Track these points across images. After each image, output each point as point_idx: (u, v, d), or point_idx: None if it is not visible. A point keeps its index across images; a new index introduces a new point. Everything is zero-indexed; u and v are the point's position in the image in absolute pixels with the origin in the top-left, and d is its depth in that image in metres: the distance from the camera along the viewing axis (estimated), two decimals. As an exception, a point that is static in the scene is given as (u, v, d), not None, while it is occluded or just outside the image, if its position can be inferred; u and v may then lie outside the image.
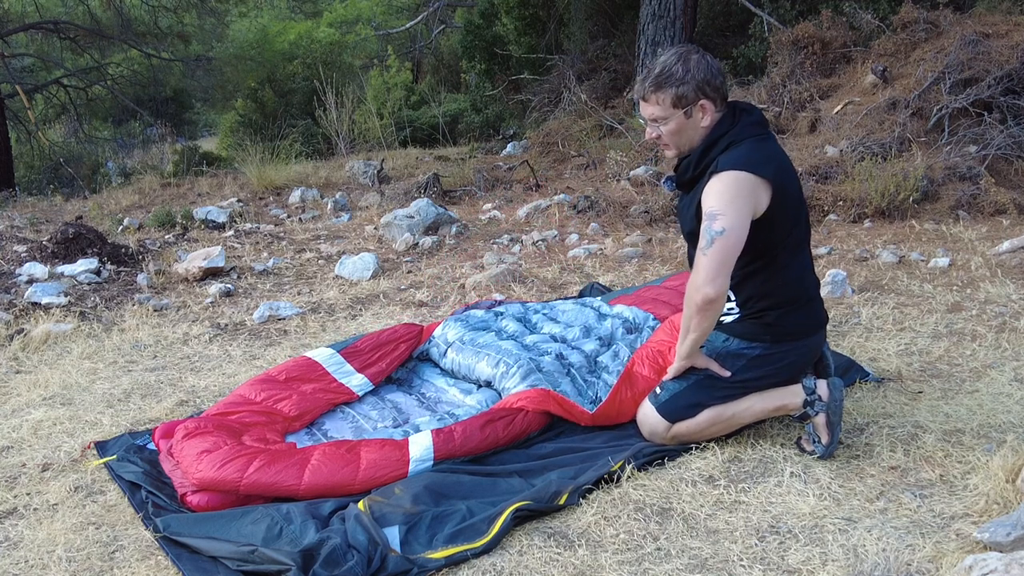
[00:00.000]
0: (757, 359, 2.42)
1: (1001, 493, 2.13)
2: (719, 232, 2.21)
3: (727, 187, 2.25)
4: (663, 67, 2.34)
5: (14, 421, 2.95)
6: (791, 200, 2.36)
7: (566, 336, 3.19)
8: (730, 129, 2.35)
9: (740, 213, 2.22)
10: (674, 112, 2.35)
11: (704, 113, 2.35)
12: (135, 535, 2.20)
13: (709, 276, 2.22)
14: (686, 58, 2.34)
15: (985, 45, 5.95)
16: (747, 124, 2.36)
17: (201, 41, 14.09)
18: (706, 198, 2.28)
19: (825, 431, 2.40)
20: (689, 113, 2.35)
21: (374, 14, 19.24)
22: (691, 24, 8.69)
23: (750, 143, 2.32)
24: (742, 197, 2.24)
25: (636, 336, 3.17)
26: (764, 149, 2.32)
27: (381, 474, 2.33)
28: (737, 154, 2.29)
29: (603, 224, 5.68)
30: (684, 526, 2.13)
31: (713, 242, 2.21)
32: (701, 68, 2.33)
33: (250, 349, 3.66)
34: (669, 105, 2.35)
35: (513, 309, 3.42)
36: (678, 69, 2.33)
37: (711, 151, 2.35)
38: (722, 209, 2.23)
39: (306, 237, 5.82)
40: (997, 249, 4.37)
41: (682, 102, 2.33)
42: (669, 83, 2.33)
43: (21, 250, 4.96)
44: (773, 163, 2.30)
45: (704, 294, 2.23)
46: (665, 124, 2.38)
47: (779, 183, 2.30)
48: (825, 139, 6.01)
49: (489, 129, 11.29)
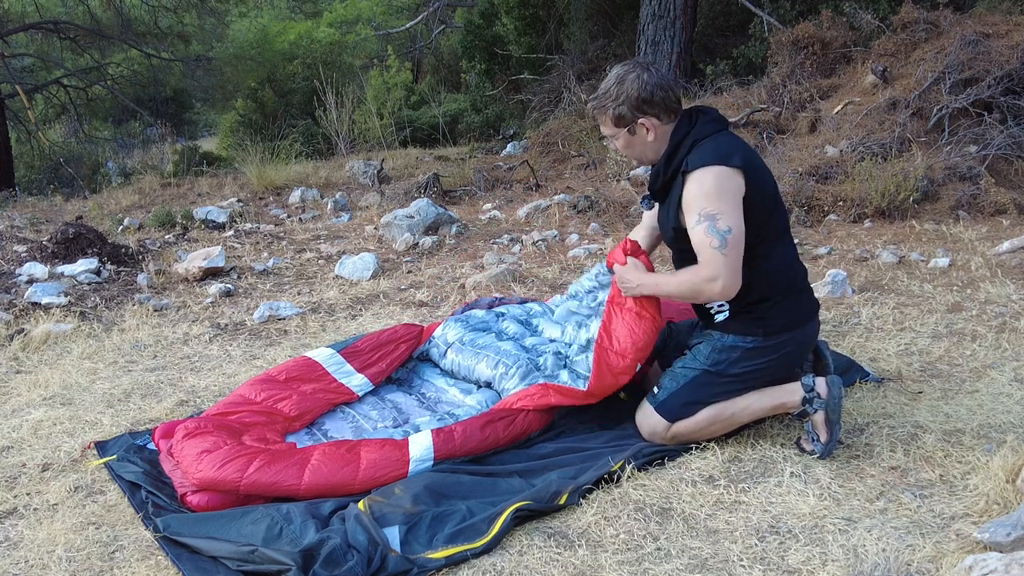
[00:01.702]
0: (752, 351, 2.43)
1: (1001, 493, 2.13)
2: (727, 231, 2.27)
3: (710, 184, 2.29)
4: (603, 89, 2.43)
5: (14, 421, 2.95)
6: (764, 191, 2.38)
7: (563, 338, 3.18)
8: (690, 130, 2.39)
9: (732, 206, 2.28)
10: (618, 131, 2.44)
11: (649, 129, 2.40)
12: (135, 535, 2.20)
13: (730, 270, 2.30)
14: (622, 79, 2.39)
15: (985, 45, 5.95)
16: (706, 122, 2.40)
17: (201, 41, 14.09)
18: (692, 200, 2.32)
19: (824, 429, 2.40)
20: (632, 131, 2.41)
21: (374, 14, 19.24)
22: (691, 24, 8.69)
23: (714, 139, 2.36)
24: (727, 190, 2.29)
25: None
26: (728, 142, 2.36)
27: (381, 474, 2.33)
28: (704, 151, 2.33)
29: (603, 224, 5.67)
30: (684, 526, 2.13)
31: (726, 241, 2.27)
32: (635, 87, 2.36)
33: (250, 349, 3.66)
34: (612, 125, 2.43)
35: (514, 311, 3.41)
36: (613, 91, 2.39)
37: (676, 155, 2.40)
38: (718, 208, 2.27)
39: (306, 237, 5.82)
40: (997, 249, 4.37)
41: (622, 121, 2.41)
42: (606, 105, 2.41)
43: (21, 250, 4.97)
44: (739, 153, 2.33)
45: (723, 285, 2.30)
46: (615, 141, 2.47)
47: (749, 172, 2.33)
48: (825, 139, 6.01)
49: (489, 129, 11.29)
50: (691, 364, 2.49)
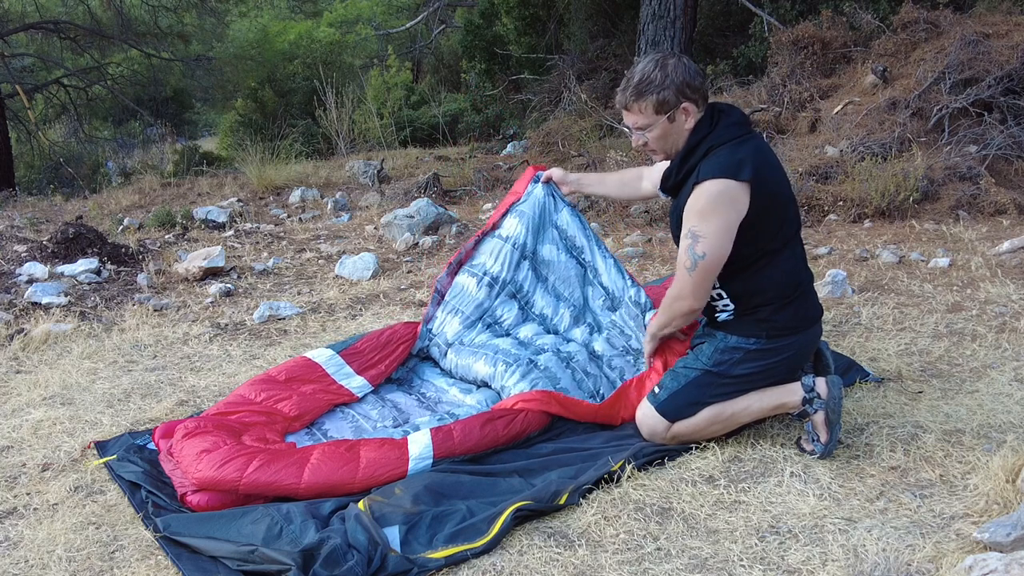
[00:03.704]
0: (754, 352, 2.43)
1: (1001, 493, 2.13)
2: (701, 256, 2.32)
3: (707, 202, 2.30)
4: (642, 75, 2.37)
5: (14, 421, 2.95)
6: (776, 198, 2.37)
7: (558, 327, 3.15)
8: (709, 133, 2.37)
9: (720, 230, 2.30)
10: (657, 119, 2.38)
11: (687, 115, 2.38)
12: (135, 535, 2.20)
13: (695, 292, 2.39)
14: (663, 63, 2.36)
15: (985, 45, 5.95)
16: (727, 126, 2.37)
17: (201, 41, 14.08)
18: (688, 213, 2.35)
19: (824, 429, 2.40)
20: (672, 118, 2.37)
21: (374, 14, 19.24)
22: (691, 24, 8.69)
23: (729, 147, 2.33)
24: (721, 211, 2.29)
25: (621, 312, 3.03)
26: (742, 152, 2.32)
27: (381, 473, 2.33)
28: (718, 159, 2.32)
29: (603, 224, 5.67)
30: (684, 526, 2.13)
31: (696, 265, 2.33)
32: (679, 71, 2.34)
33: (250, 349, 3.66)
34: (652, 112, 2.37)
35: (502, 272, 3.16)
36: (657, 75, 2.35)
37: (691, 157, 2.38)
38: (702, 230, 2.30)
39: (306, 237, 5.82)
40: (997, 249, 4.37)
41: (664, 107, 2.36)
42: (649, 90, 2.35)
43: (21, 250, 4.97)
44: (749, 165, 2.30)
45: (690, 306, 2.43)
46: (650, 131, 2.40)
47: (759, 185, 2.31)
48: (825, 139, 6.01)
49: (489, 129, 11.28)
50: (693, 364, 2.49)
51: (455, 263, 3.26)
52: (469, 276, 3.20)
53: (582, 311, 3.17)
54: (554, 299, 3.19)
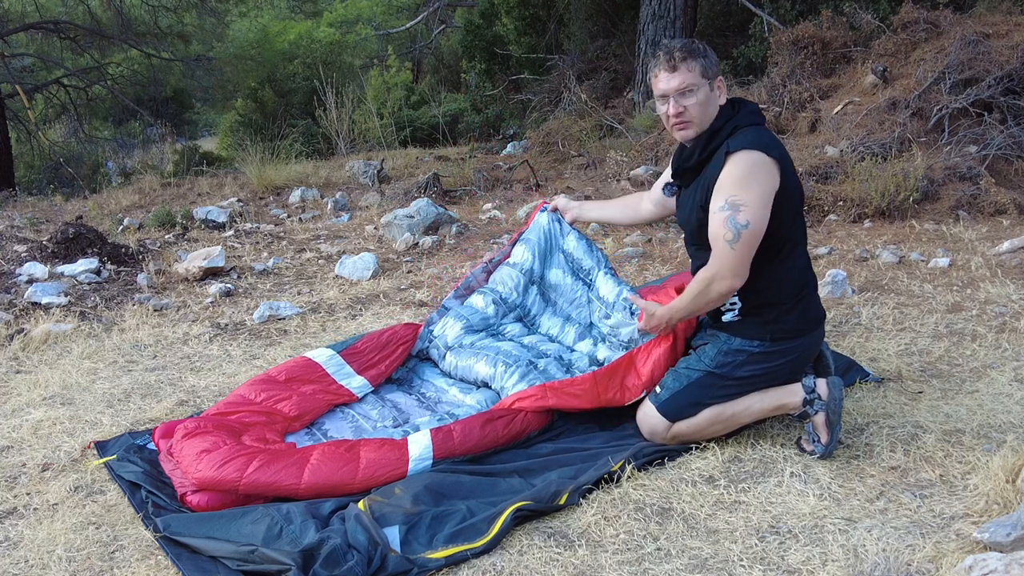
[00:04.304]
0: (758, 355, 2.43)
1: (1001, 493, 2.13)
2: (744, 225, 2.25)
3: (745, 170, 2.28)
4: (683, 42, 2.40)
5: (14, 421, 2.95)
6: (792, 190, 2.40)
7: (563, 340, 3.18)
8: (733, 115, 2.40)
9: (760, 199, 2.27)
10: (703, 81, 2.38)
11: (721, 91, 2.41)
12: (135, 535, 2.20)
13: (737, 269, 2.30)
14: (692, 41, 2.41)
15: (985, 45, 5.95)
16: (748, 112, 2.41)
17: (201, 41, 14.07)
18: (725, 181, 2.31)
19: (824, 430, 2.40)
20: (712, 87, 2.39)
21: (374, 14, 19.24)
22: (691, 24, 8.70)
23: (755, 129, 2.37)
24: (760, 179, 2.28)
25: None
26: (766, 136, 2.37)
27: (380, 473, 2.33)
28: (747, 135, 2.34)
29: (603, 224, 5.67)
30: (684, 526, 2.13)
31: (740, 235, 2.26)
32: (709, 50, 2.41)
33: (250, 349, 3.66)
34: (699, 74, 2.37)
35: (511, 295, 3.26)
36: (699, 46, 2.40)
37: (717, 136, 2.39)
38: (744, 199, 2.26)
39: (306, 237, 5.82)
40: (997, 249, 4.37)
41: (709, 72, 2.38)
42: (696, 53, 2.38)
43: (21, 250, 4.96)
44: (777, 148, 2.34)
45: (730, 285, 2.33)
46: (696, 93, 2.37)
47: (784, 167, 2.34)
48: (825, 139, 6.01)
49: (489, 129, 11.28)
50: (696, 365, 2.49)
51: (496, 261, 3.37)
52: (479, 295, 3.29)
53: (587, 328, 3.21)
54: (562, 320, 3.25)
